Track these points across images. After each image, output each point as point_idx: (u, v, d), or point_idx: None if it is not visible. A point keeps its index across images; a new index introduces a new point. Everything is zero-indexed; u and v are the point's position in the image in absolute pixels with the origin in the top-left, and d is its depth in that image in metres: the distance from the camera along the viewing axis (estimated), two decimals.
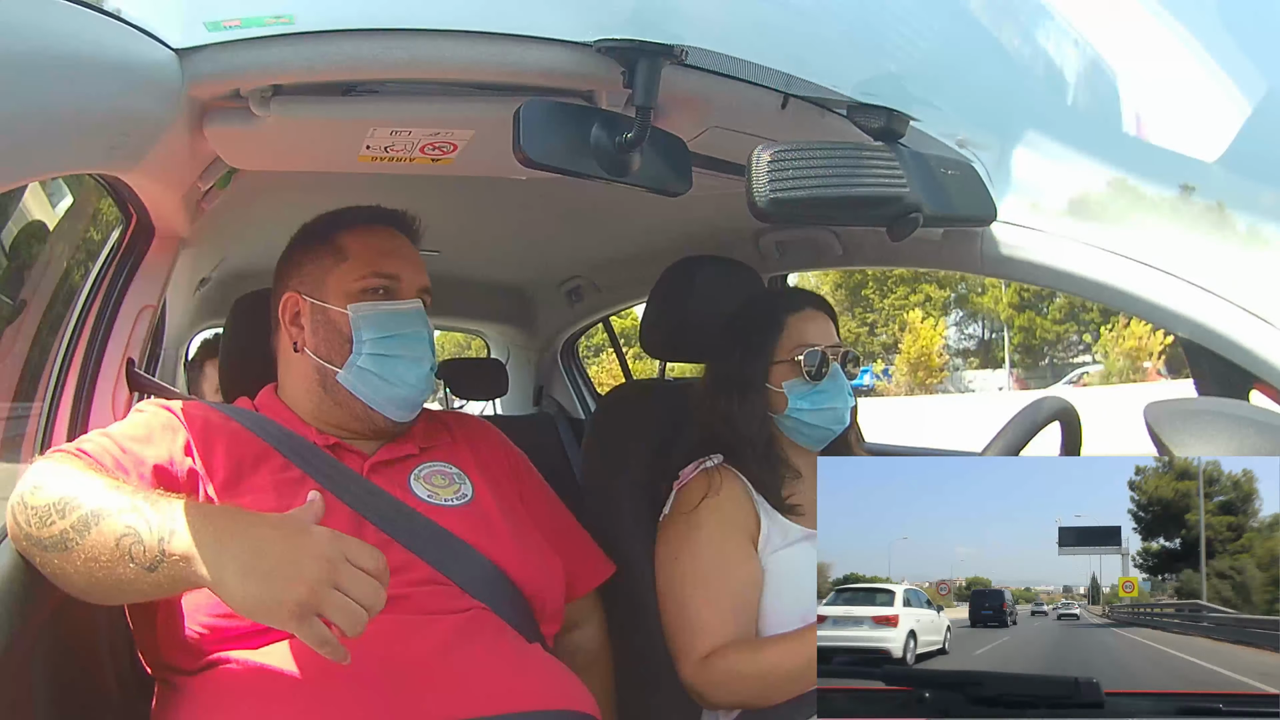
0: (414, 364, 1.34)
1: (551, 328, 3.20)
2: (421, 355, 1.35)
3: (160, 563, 0.96)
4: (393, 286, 1.35)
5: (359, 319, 1.33)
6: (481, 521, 1.31)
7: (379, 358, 1.32)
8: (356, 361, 1.32)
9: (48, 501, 1.01)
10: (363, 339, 1.32)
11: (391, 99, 1.19)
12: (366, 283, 1.34)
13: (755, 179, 1.09)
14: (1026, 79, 1.23)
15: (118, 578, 0.97)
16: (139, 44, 0.95)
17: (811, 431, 1.59)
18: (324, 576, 0.94)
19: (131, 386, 1.60)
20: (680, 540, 1.53)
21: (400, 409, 1.35)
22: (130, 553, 0.97)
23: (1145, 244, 1.11)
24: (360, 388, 1.33)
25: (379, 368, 1.32)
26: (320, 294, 1.35)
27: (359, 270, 1.35)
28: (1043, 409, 1.19)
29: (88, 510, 0.99)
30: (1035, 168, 1.24)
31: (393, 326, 1.33)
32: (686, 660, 1.46)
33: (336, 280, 1.35)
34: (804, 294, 1.72)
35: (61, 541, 0.99)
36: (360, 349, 1.32)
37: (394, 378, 1.32)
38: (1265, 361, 0.99)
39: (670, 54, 1.08)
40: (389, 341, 1.33)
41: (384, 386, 1.32)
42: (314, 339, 1.35)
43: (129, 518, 0.98)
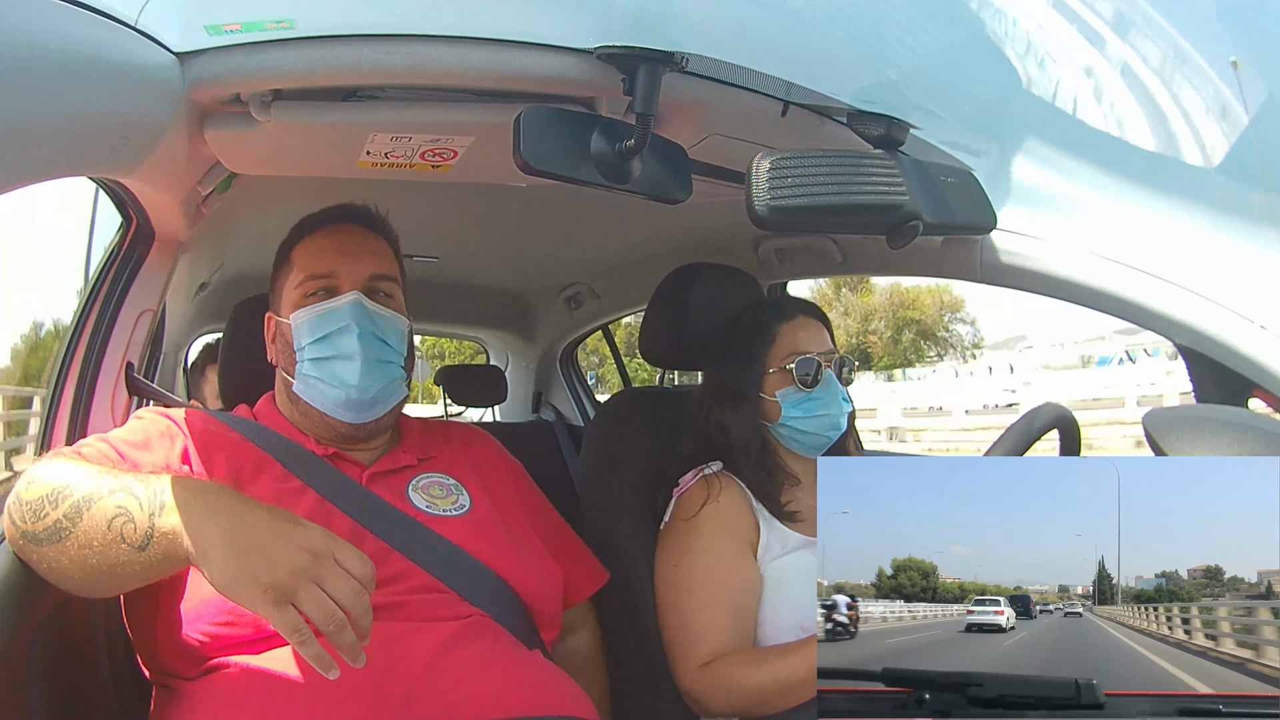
0: (348, 362, 1.30)
1: (550, 335, 3.20)
2: (350, 351, 1.30)
3: (150, 539, 0.96)
4: (331, 285, 1.33)
5: (298, 326, 1.32)
6: (479, 530, 1.31)
7: (316, 362, 1.31)
8: (301, 370, 1.32)
9: (41, 494, 1.01)
10: (301, 345, 1.32)
11: (392, 105, 1.19)
12: (305, 288, 1.33)
13: (755, 186, 1.09)
14: (1027, 86, 1.23)
15: (111, 562, 0.97)
16: (140, 47, 0.95)
17: (807, 439, 1.58)
18: (305, 567, 0.92)
19: (130, 391, 1.60)
20: (680, 547, 1.53)
21: (350, 410, 1.31)
22: (122, 533, 0.96)
23: (1145, 251, 1.11)
24: (309, 394, 1.32)
25: (319, 371, 1.31)
26: (279, 308, 1.37)
27: (299, 276, 1.34)
28: (1041, 416, 1.19)
29: (79, 497, 0.99)
30: (1035, 175, 1.24)
31: (323, 327, 1.31)
32: (685, 667, 1.46)
33: (287, 291, 1.36)
34: (796, 301, 1.72)
35: (55, 531, 0.99)
36: (301, 356, 1.32)
37: (332, 379, 1.30)
38: (1264, 368, 0.99)
39: (671, 61, 1.08)
40: (321, 344, 1.31)
41: (327, 390, 1.31)
42: (275, 352, 1.38)
43: (119, 497, 0.98)
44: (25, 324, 4.63)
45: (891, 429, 20.78)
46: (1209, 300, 1.04)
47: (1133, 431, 12.35)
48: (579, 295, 2.89)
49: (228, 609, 1.12)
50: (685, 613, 1.48)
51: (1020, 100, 1.25)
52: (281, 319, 1.35)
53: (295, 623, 0.92)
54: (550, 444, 3.04)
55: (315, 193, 1.78)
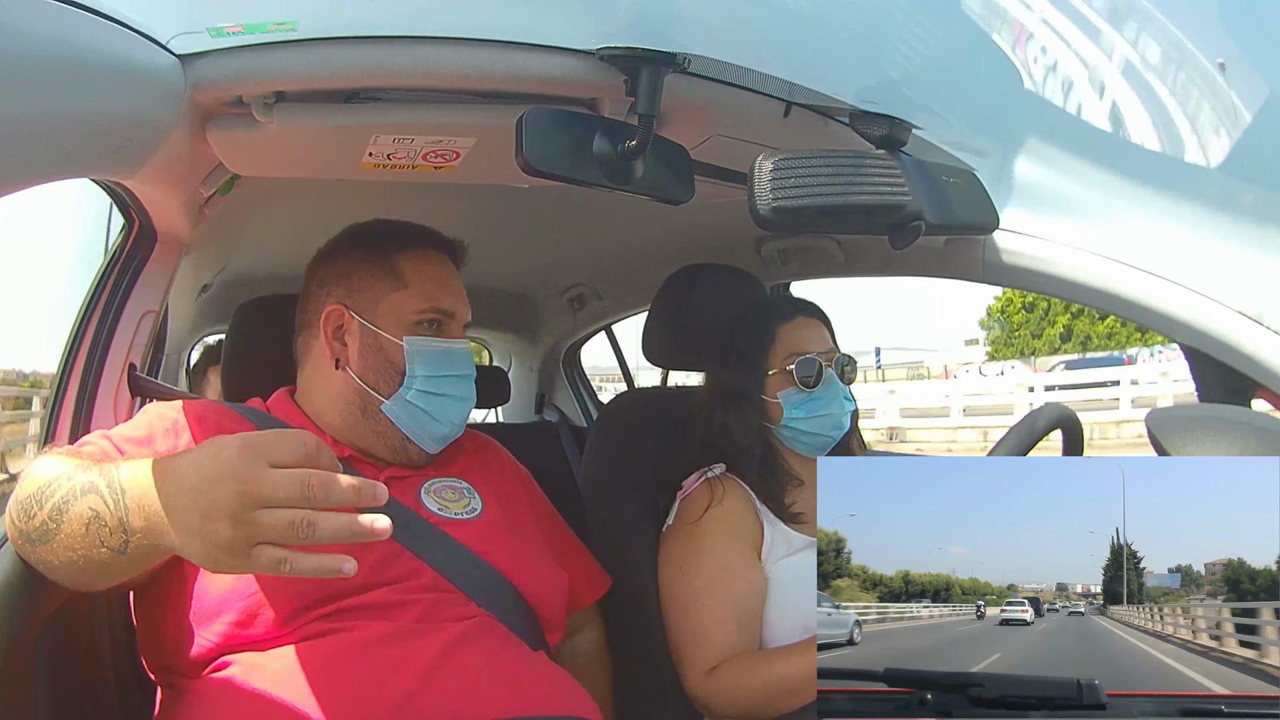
0: (461, 404, 1.34)
1: (553, 335, 3.20)
2: (468, 395, 1.35)
3: (127, 544, 0.93)
4: (446, 322, 1.36)
5: (414, 353, 1.32)
6: (490, 534, 1.32)
7: (429, 395, 1.32)
8: (406, 395, 1.32)
9: (30, 494, 1.00)
10: (415, 374, 1.32)
11: (394, 106, 1.19)
12: (424, 316, 1.34)
13: (758, 187, 1.09)
14: (1029, 85, 1.23)
15: (98, 563, 0.95)
16: (142, 49, 0.95)
17: (810, 440, 1.58)
18: (240, 505, 0.84)
19: (133, 391, 1.60)
20: (684, 550, 1.53)
21: (438, 443, 1.36)
22: (99, 538, 0.94)
23: (1148, 250, 1.11)
24: (405, 420, 1.32)
25: (427, 404, 1.32)
26: (372, 317, 1.33)
27: (419, 303, 1.34)
28: (1043, 416, 1.19)
29: (59, 498, 0.97)
30: (1037, 175, 1.24)
31: (446, 366, 1.33)
32: (691, 671, 1.46)
33: (391, 306, 1.34)
34: (795, 301, 1.72)
35: (44, 532, 0.97)
36: (412, 384, 1.32)
37: (441, 415, 1.33)
38: (1267, 367, 0.99)
39: (673, 62, 1.08)
40: (441, 381, 1.32)
41: (429, 423, 1.33)
42: (361, 362, 1.33)
43: (90, 499, 0.95)
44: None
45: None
46: (1212, 300, 1.04)
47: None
48: (582, 296, 2.89)
49: (241, 609, 1.12)
50: (692, 618, 1.48)
51: (1022, 100, 1.25)
52: (382, 332, 1.32)
53: (273, 560, 0.85)
54: (554, 445, 3.04)
55: (318, 194, 1.79)
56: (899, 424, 21.66)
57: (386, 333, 1.32)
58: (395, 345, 1.32)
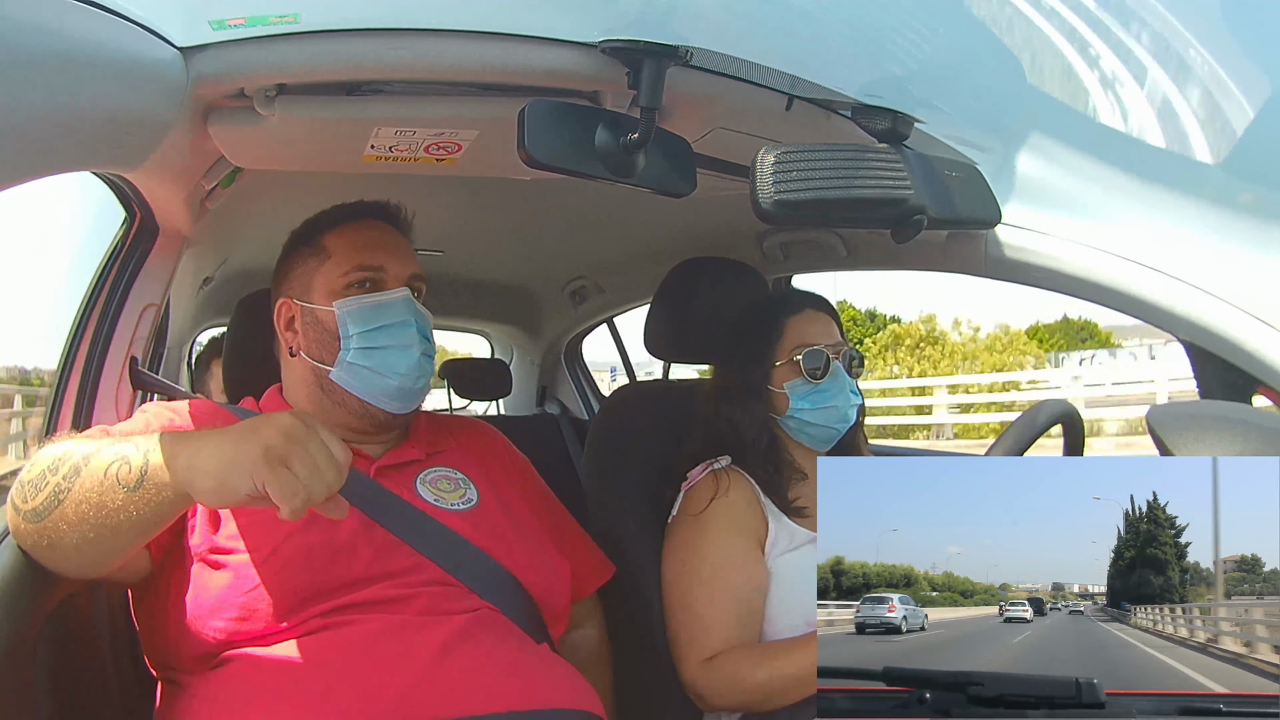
0: (403, 352, 1.33)
1: (555, 329, 3.20)
2: (410, 342, 1.33)
3: (145, 475, 0.97)
4: (378, 278, 1.35)
5: (345, 314, 1.33)
6: (487, 525, 1.32)
7: (367, 350, 1.32)
8: (346, 357, 1.32)
9: (42, 468, 1.03)
10: (349, 334, 1.32)
11: (396, 99, 1.19)
12: (350, 278, 1.34)
13: (760, 180, 1.09)
14: (1031, 80, 1.23)
15: (105, 513, 0.98)
16: (143, 42, 0.95)
17: (816, 432, 1.59)
18: (284, 435, 0.94)
19: (135, 385, 1.61)
20: (687, 541, 1.53)
21: (395, 400, 1.34)
22: (118, 476, 0.98)
23: (1150, 246, 1.11)
24: (353, 383, 1.33)
25: (369, 360, 1.32)
26: (308, 296, 1.36)
27: (342, 266, 1.35)
28: (1044, 412, 1.19)
29: (79, 458, 1.01)
30: (1040, 170, 1.24)
31: (378, 318, 1.33)
32: (689, 662, 1.46)
33: (322, 280, 1.36)
34: (803, 294, 1.72)
35: (55, 496, 1.00)
36: (348, 344, 1.32)
37: (385, 368, 1.32)
38: (1269, 365, 0.99)
39: (675, 55, 1.08)
40: (375, 333, 1.32)
41: (376, 379, 1.32)
42: (305, 341, 1.36)
43: (120, 448, 1.00)
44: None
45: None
46: (1214, 296, 1.04)
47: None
48: (583, 289, 2.89)
49: (240, 605, 1.13)
50: (691, 607, 1.48)
51: (1025, 95, 1.25)
52: (317, 306, 1.35)
53: (293, 485, 0.93)
54: (555, 437, 3.05)
55: (319, 187, 1.79)
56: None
57: (320, 305, 1.35)
58: (328, 313, 1.34)
